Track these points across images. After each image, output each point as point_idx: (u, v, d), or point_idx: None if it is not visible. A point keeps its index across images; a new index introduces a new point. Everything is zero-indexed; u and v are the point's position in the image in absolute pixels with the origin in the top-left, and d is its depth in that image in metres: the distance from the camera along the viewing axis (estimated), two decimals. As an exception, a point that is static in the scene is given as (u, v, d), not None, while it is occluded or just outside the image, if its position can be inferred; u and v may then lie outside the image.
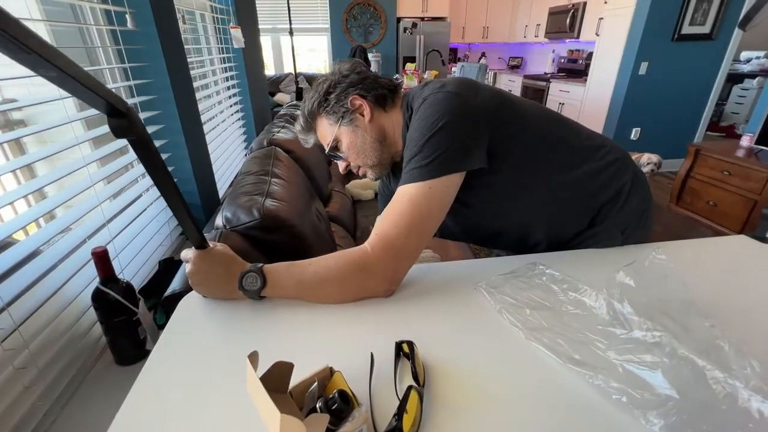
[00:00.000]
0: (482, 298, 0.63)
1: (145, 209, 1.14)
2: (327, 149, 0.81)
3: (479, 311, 0.60)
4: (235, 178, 1.68)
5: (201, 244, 0.62)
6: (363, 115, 0.77)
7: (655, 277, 0.55)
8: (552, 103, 4.83)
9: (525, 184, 0.73)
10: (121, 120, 0.42)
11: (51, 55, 0.33)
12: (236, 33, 2.06)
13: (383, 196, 0.97)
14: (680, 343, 0.44)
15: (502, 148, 0.69)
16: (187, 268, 0.62)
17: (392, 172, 0.88)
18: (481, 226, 0.80)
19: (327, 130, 0.80)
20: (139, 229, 1.09)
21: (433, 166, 0.63)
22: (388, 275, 0.61)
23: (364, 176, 0.84)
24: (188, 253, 0.62)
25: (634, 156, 2.99)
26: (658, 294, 0.53)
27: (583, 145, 0.76)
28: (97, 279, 0.73)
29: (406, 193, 0.63)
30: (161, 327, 0.83)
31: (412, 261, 0.64)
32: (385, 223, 0.63)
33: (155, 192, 1.19)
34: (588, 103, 4.15)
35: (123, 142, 0.69)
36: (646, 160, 2.94)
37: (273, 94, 4.67)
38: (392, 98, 0.80)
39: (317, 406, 0.39)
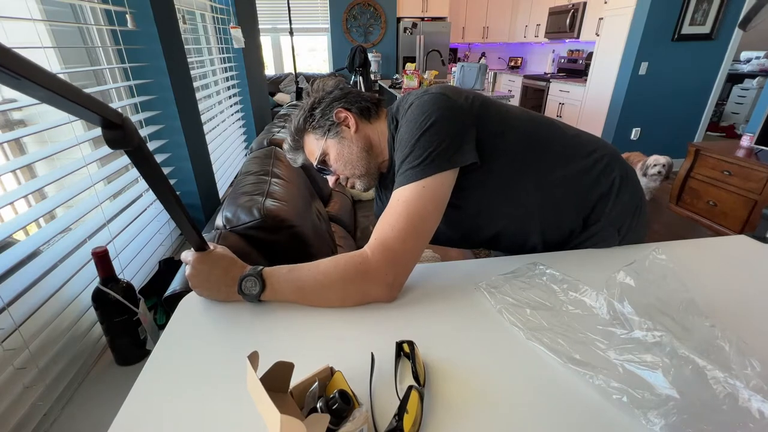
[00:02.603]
0: (482, 298, 0.63)
1: (146, 209, 1.14)
2: (315, 164, 0.82)
3: (479, 311, 0.60)
4: (235, 178, 1.69)
5: (200, 246, 0.62)
6: (348, 127, 0.79)
7: (655, 277, 0.55)
8: (552, 104, 4.83)
9: (517, 183, 0.74)
10: (116, 132, 0.41)
11: (40, 77, 0.31)
12: (236, 33, 2.06)
13: (378, 212, 0.97)
14: (680, 343, 0.44)
15: (490, 146, 0.70)
16: (186, 270, 0.62)
17: (384, 188, 0.89)
18: (477, 230, 0.80)
19: (314, 145, 0.82)
20: (140, 229, 1.09)
21: (425, 165, 0.63)
22: (389, 280, 0.61)
23: (353, 188, 0.85)
24: (188, 255, 0.62)
25: (639, 158, 2.93)
26: (658, 294, 0.53)
27: (571, 143, 0.78)
28: (98, 279, 0.73)
29: (401, 196, 0.64)
30: (161, 327, 0.84)
31: (412, 264, 0.64)
32: (383, 227, 0.63)
33: (155, 192, 1.19)
34: (588, 103, 4.15)
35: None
36: (653, 161, 2.78)
37: (273, 94, 4.68)
38: (376, 110, 0.82)
39: (318, 406, 0.39)
